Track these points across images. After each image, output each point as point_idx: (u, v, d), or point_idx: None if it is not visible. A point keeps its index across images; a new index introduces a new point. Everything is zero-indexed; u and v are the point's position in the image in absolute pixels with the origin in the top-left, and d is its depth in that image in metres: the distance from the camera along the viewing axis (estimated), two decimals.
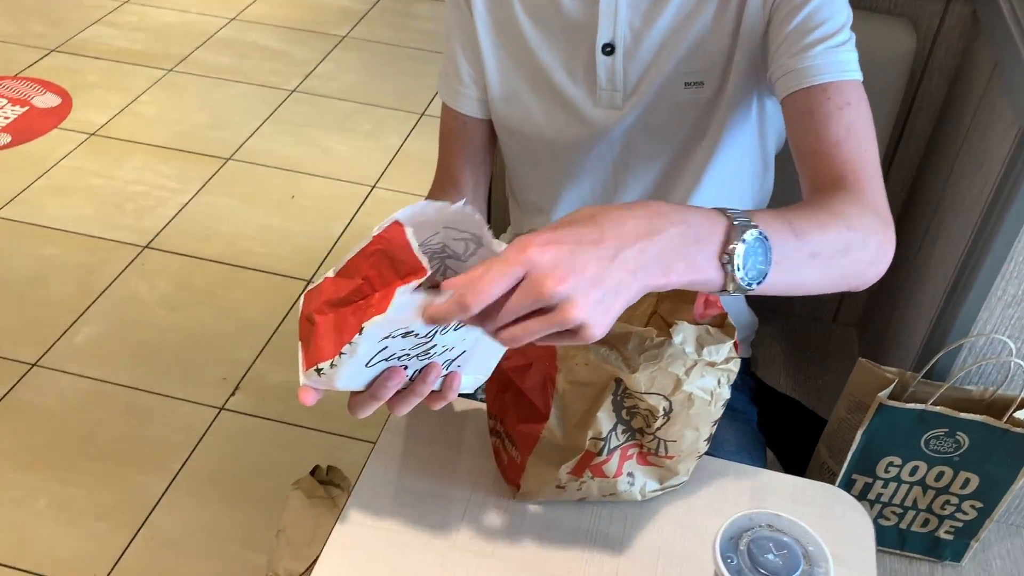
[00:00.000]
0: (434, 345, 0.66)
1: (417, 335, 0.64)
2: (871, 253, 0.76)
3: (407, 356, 0.67)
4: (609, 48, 0.96)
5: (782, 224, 0.69)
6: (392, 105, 2.97)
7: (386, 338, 0.63)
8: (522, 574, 0.80)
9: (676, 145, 1.01)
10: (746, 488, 0.89)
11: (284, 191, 2.56)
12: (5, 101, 2.84)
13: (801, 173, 0.86)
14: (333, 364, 0.64)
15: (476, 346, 0.69)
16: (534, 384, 0.81)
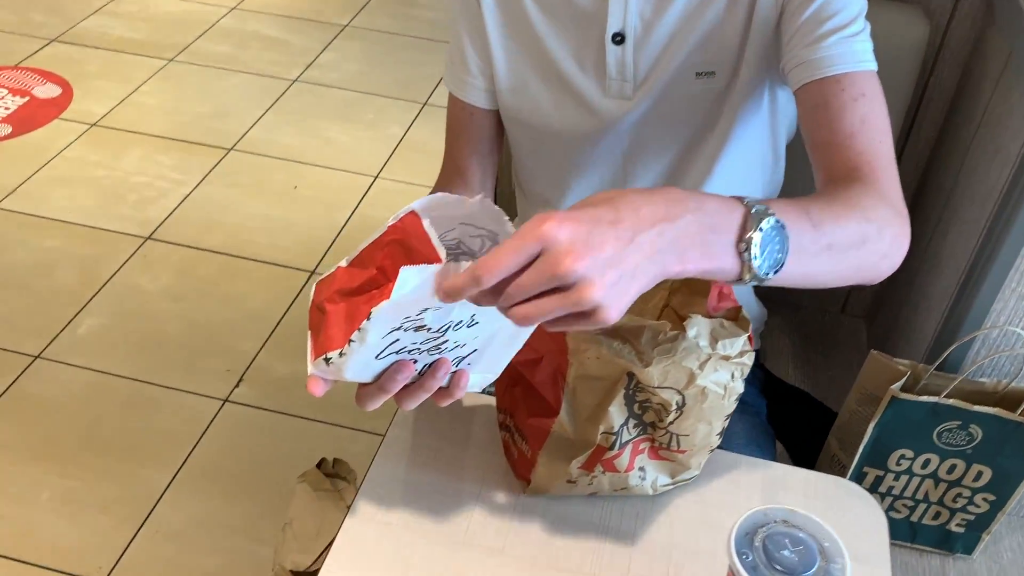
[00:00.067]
0: (445, 341, 0.65)
1: (429, 329, 0.63)
2: (886, 245, 0.75)
3: (417, 350, 0.66)
4: (619, 38, 0.94)
5: (800, 213, 0.68)
6: (394, 94, 2.95)
7: (397, 329, 0.62)
8: (533, 569, 0.79)
9: (686, 136, 0.99)
10: (757, 482, 0.88)
11: (286, 181, 2.55)
12: (5, 91, 2.82)
13: (815, 164, 0.85)
14: (342, 353, 0.63)
15: (488, 345, 0.68)
16: (544, 378, 0.80)
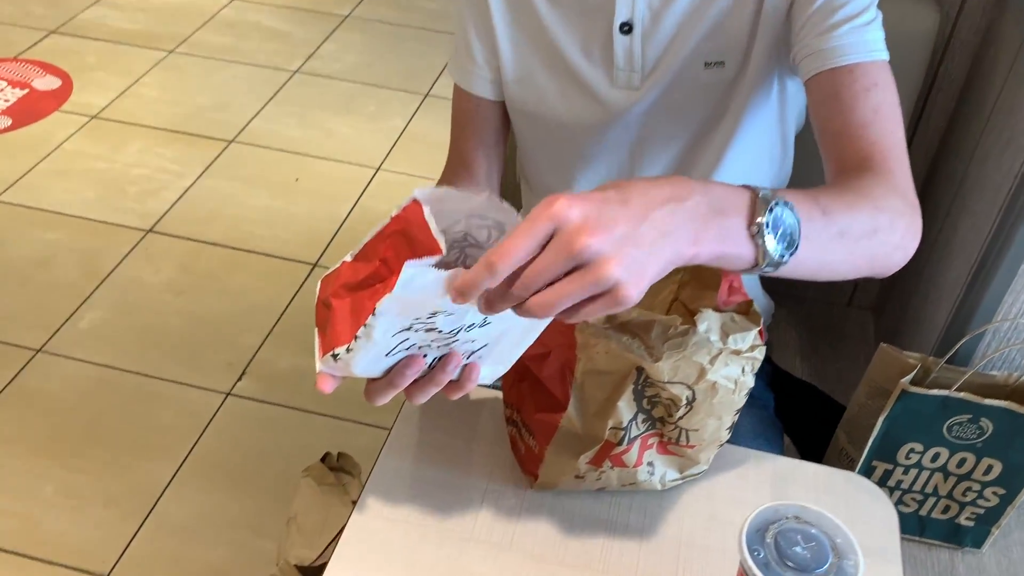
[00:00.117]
0: (456, 340, 0.64)
1: (440, 331, 0.62)
2: (898, 236, 0.75)
3: (428, 346, 0.65)
4: (627, 27, 0.93)
5: (809, 201, 0.67)
6: (396, 86, 2.94)
7: (407, 330, 0.61)
8: (540, 565, 0.79)
9: (695, 127, 0.98)
10: (767, 476, 0.87)
11: (288, 174, 2.54)
12: (5, 83, 2.81)
13: (825, 154, 0.84)
14: (349, 349, 0.62)
15: (499, 340, 0.67)
16: (552, 372, 0.79)
